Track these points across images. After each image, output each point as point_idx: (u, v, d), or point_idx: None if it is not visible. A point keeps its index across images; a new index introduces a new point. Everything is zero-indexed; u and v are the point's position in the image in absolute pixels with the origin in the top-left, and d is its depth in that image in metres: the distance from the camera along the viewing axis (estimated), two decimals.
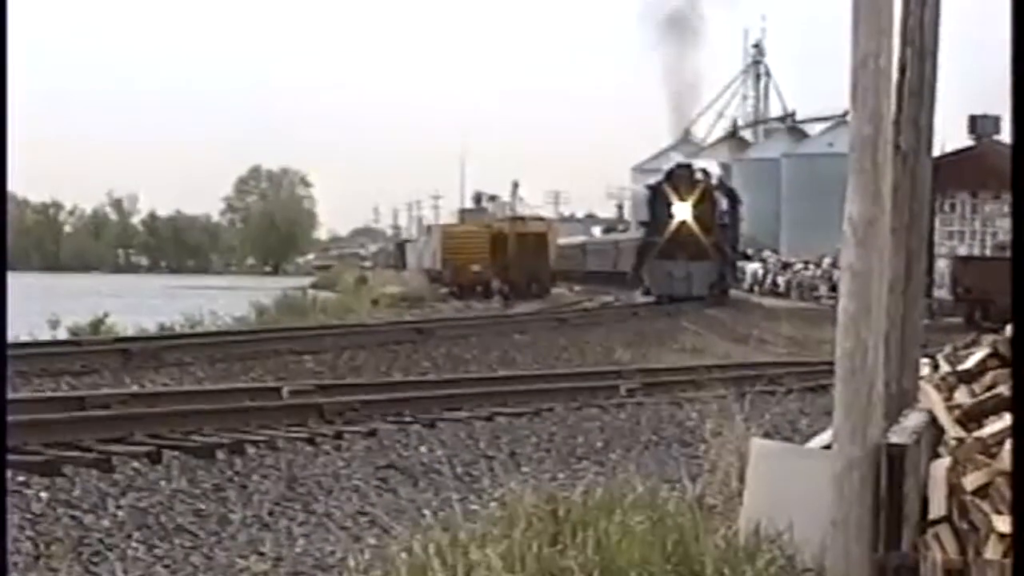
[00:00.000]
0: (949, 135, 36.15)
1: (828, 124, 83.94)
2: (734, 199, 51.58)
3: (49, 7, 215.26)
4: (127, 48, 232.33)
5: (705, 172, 49.53)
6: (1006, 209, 31.04)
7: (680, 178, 47.90)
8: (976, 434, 6.20)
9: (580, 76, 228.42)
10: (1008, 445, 5.73)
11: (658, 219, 48.06)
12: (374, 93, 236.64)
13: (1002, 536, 5.53)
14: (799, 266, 60.13)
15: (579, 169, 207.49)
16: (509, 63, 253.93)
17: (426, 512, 9.17)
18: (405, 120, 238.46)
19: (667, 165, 52.62)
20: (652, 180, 52.09)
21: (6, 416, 6.17)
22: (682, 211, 46.94)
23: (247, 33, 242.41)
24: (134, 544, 8.78)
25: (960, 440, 6.20)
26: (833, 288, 40.84)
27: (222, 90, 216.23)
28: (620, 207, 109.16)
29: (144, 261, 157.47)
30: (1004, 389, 6.36)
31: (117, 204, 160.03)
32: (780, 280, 59.70)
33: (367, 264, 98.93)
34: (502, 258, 54.18)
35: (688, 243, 46.39)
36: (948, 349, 7.65)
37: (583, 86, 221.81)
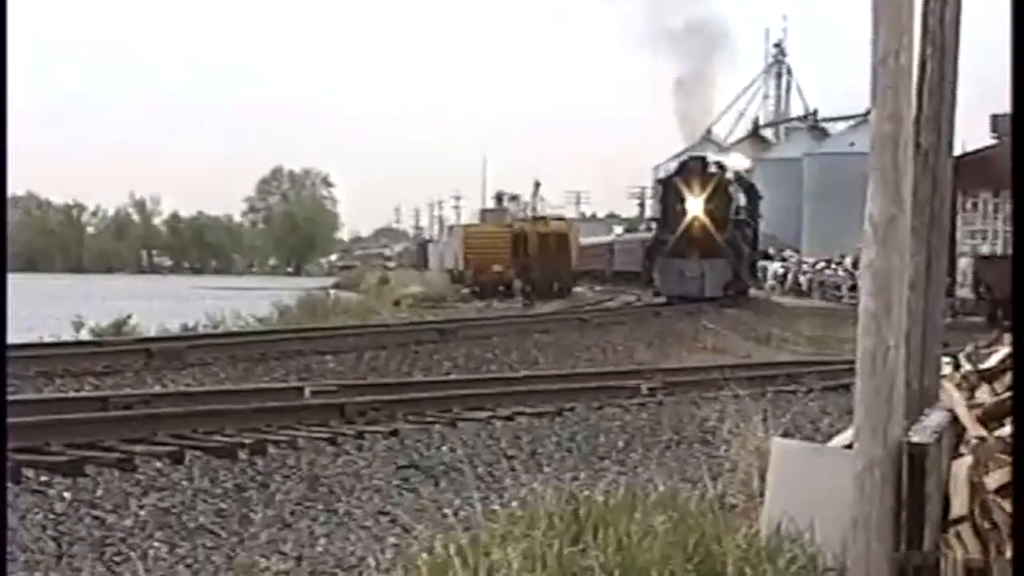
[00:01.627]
0: (972, 134, 35.94)
1: (850, 123, 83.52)
2: (753, 194, 48.73)
3: (75, 11, 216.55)
4: (152, 52, 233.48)
5: (720, 165, 45.92)
6: None
7: (692, 171, 44.39)
8: (997, 433, 6.18)
9: (601, 76, 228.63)
10: None
11: (669, 215, 44.64)
12: (396, 94, 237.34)
13: None
14: (821, 265, 59.92)
15: (600, 169, 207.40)
16: (531, 63, 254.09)
17: (447, 512, 9.20)
18: (427, 120, 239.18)
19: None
20: (663, 174, 49.85)
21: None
22: (695, 206, 43.47)
23: (271, 38, 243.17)
24: (156, 544, 8.81)
25: (981, 439, 6.18)
26: (854, 287, 40.66)
27: (245, 92, 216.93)
28: (642, 206, 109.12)
29: (167, 262, 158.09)
30: None
31: (140, 205, 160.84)
32: (802, 279, 59.48)
33: (390, 264, 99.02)
34: (524, 258, 54.10)
35: (701, 240, 43.08)
36: (970, 348, 7.63)
37: (603, 86, 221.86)
